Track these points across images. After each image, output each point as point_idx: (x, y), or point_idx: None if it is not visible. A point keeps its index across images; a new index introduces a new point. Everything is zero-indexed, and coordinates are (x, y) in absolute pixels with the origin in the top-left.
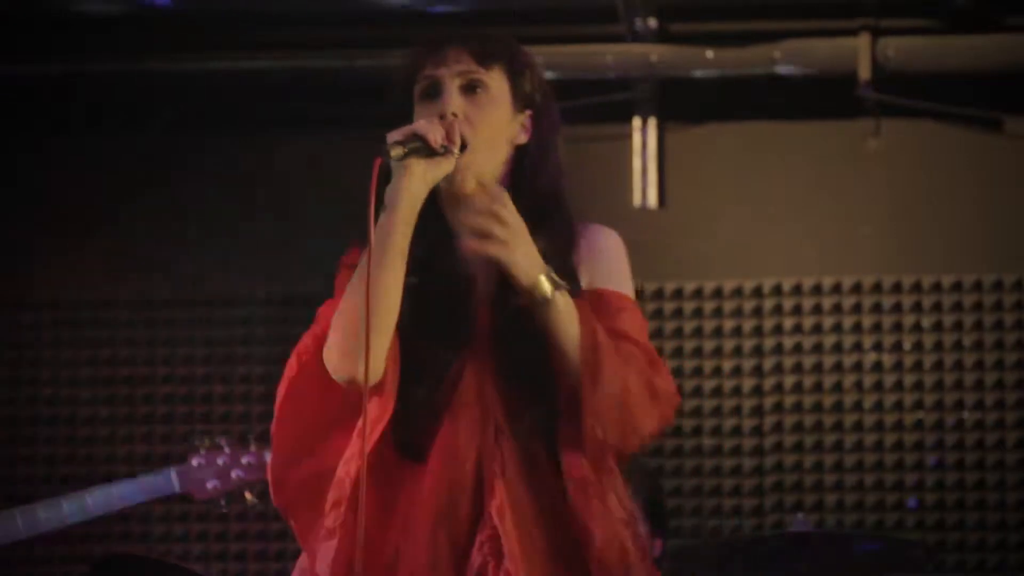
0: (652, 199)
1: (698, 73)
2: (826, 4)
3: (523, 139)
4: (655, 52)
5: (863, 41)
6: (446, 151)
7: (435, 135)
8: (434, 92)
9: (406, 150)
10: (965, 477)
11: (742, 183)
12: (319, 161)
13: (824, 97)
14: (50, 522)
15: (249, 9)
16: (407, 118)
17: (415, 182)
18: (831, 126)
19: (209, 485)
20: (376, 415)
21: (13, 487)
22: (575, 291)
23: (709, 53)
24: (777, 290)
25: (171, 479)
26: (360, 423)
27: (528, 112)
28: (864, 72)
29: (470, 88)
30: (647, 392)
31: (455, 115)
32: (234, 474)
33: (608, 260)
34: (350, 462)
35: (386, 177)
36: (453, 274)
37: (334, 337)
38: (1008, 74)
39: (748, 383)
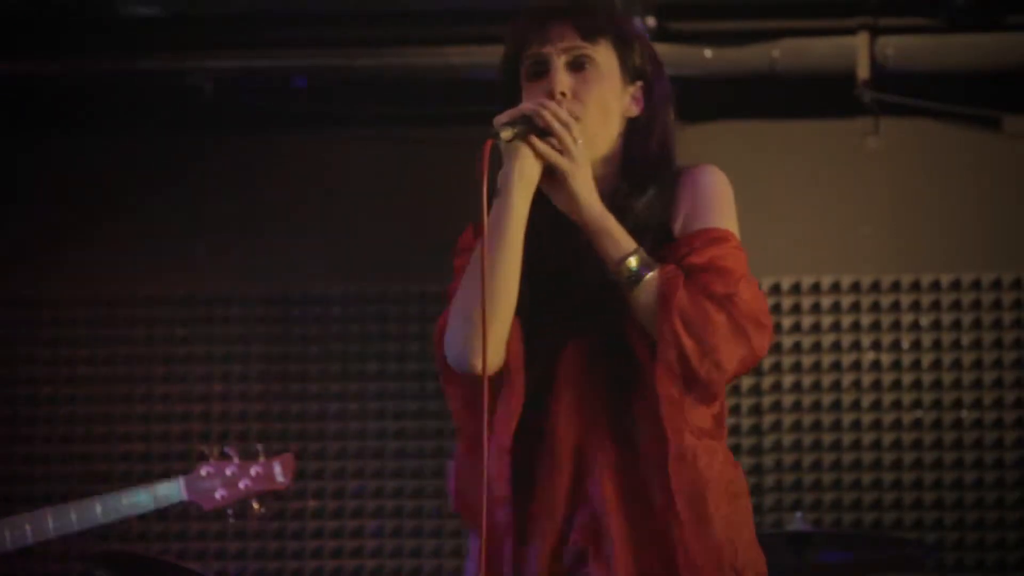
0: None
1: (697, 72)
2: (825, 3)
3: (635, 111)
4: None
5: (862, 40)
6: (556, 132)
7: (542, 116)
8: (541, 71)
9: (515, 132)
10: (963, 476)
11: (741, 182)
12: (319, 160)
13: (823, 96)
14: (60, 530)
15: (249, 8)
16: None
17: (527, 164)
18: (830, 125)
19: (217, 495)
20: (506, 403)
21: (12, 486)
22: (670, 240)
23: (708, 52)
24: (776, 289)
25: (179, 488)
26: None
27: (639, 83)
28: (863, 71)
29: (578, 64)
30: (729, 325)
31: (563, 94)
32: (242, 484)
33: (703, 195)
34: (492, 459)
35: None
36: (571, 253)
37: (452, 328)
38: (1007, 73)
39: (746, 382)
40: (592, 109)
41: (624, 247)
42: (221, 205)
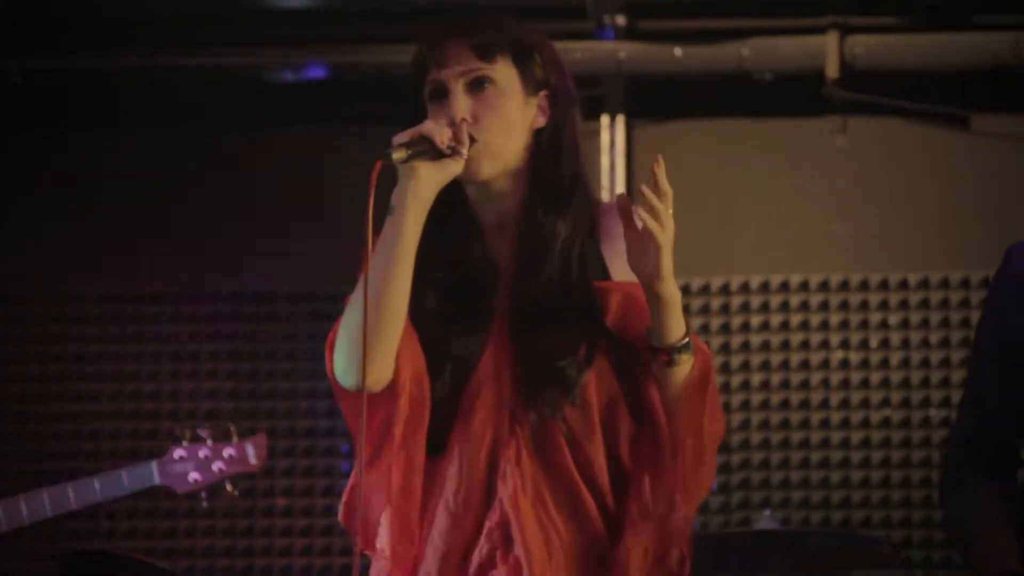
0: None
1: (666, 70)
2: (794, 2)
3: (542, 122)
4: (623, 49)
5: (831, 39)
6: (454, 152)
7: (442, 136)
8: (441, 94)
9: (410, 152)
10: (931, 474)
11: (710, 180)
12: (298, 158)
13: (792, 95)
14: (34, 514)
15: (248, 7)
16: (412, 116)
17: (422, 184)
18: (799, 124)
19: (190, 478)
20: (393, 416)
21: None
22: (602, 277)
23: (677, 51)
24: (745, 287)
25: (152, 471)
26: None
27: (543, 93)
28: (832, 70)
29: (476, 85)
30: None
31: (464, 119)
32: (215, 467)
33: None
34: (397, 473)
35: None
36: (479, 264)
37: (337, 344)
38: (975, 72)
39: (715, 380)
40: (494, 129)
41: (684, 322)
42: (220, 203)
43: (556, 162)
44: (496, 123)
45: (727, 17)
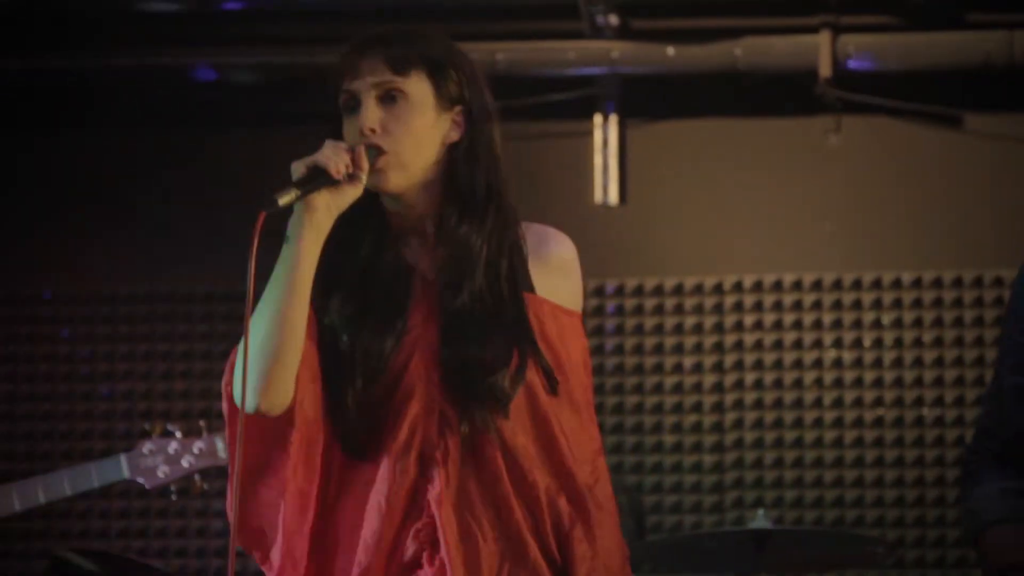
0: (613, 196)
1: (659, 70)
2: (787, 1)
3: (455, 136)
4: (616, 49)
5: (824, 38)
6: (352, 178)
7: (337, 164)
8: (354, 106)
9: (300, 192)
10: (925, 474)
11: (703, 180)
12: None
13: (785, 94)
14: (2, 509)
15: (249, 6)
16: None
17: (318, 216)
18: (792, 123)
19: (160, 472)
20: (310, 438)
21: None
22: (527, 288)
23: (670, 50)
24: (738, 287)
25: (121, 465)
26: (240, 450)
27: (458, 108)
28: (825, 69)
29: (389, 98)
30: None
31: (373, 130)
32: (185, 461)
33: (571, 278)
34: (307, 487)
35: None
36: (392, 269)
37: (235, 372)
38: (968, 71)
39: (709, 380)
40: (403, 140)
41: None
42: (219, 202)
43: (470, 175)
44: (405, 135)
45: (720, 16)
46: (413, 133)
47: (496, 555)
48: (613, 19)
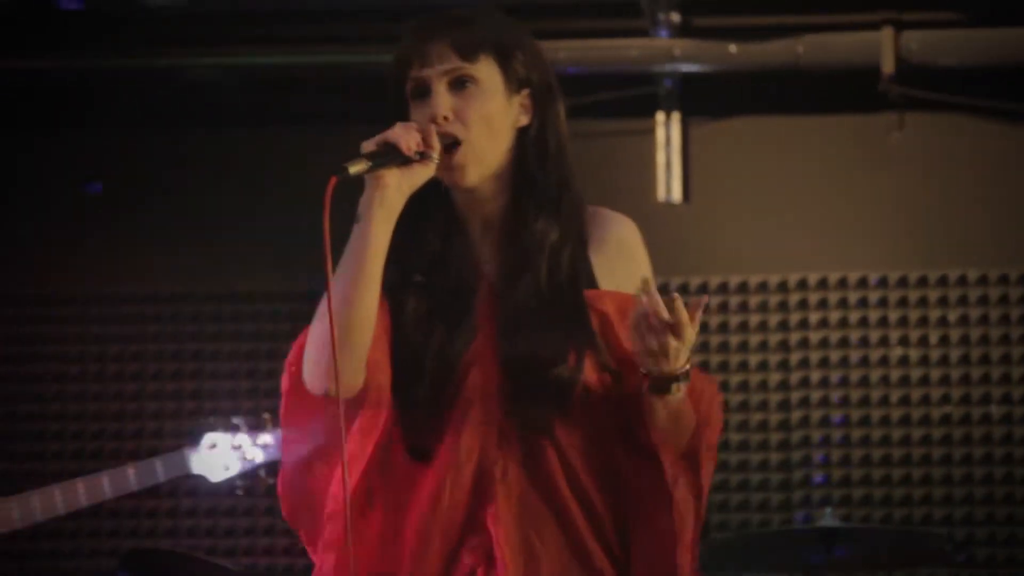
0: (676, 194)
1: (721, 67)
2: None
3: (525, 120)
4: (678, 46)
5: (886, 34)
6: (423, 157)
7: (408, 142)
8: (423, 93)
9: (371, 163)
10: (993, 471)
11: (766, 177)
12: (305, 157)
13: (847, 91)
14: (67, 504)
15: (250, 6)
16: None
17: (389, 193)
18: (854, 120)
19: (224, 467)
20: (365, 426)
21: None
22: (588, 281)
23: (732, 47)
24: (802, 284)
25: (186, 459)
26: (350, 434)
27: (526, 91)
28: (887, 66)
29: (459, 84)
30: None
31: (446, 118)
32: (249, 454)
33: (634, 260)
34: (344, 471)
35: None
36: (461, 269)
37: (307, 353)
38: None
39: (774, 378)
40: (477, 127)
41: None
42: (221, 201)
43: (542, 163)
44: (479, 121)
45: (782, 13)
46: (486, 117)
47: (558, 566)
48: (675, 16)
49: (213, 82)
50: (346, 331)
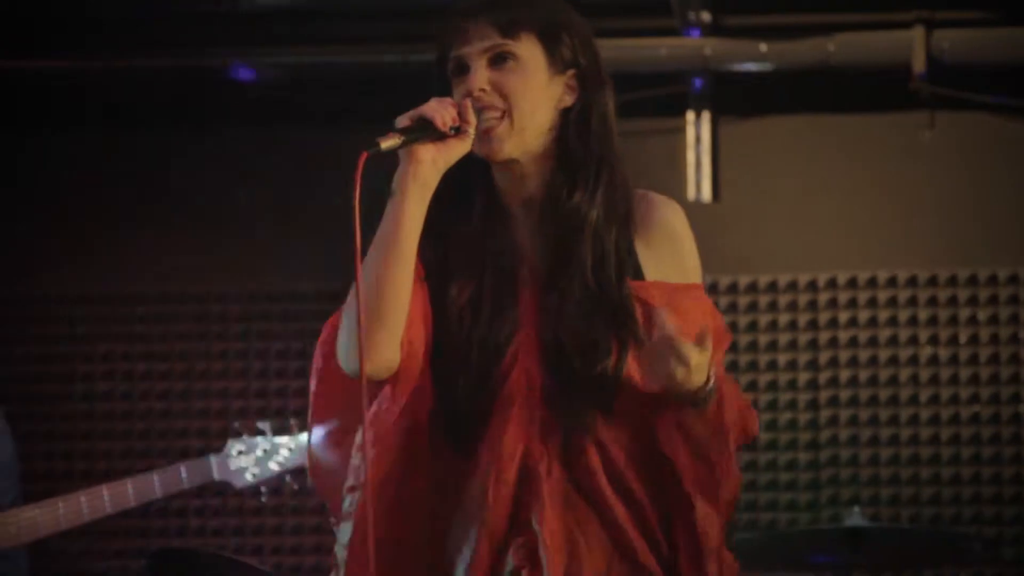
0: (706, 193)
1: (752, 66)
2: None
3: (569, 101)
4: (709, 45)
5: (918, 33)
6: (458, 131)
7: (443, 116)
8: (463, 70)
9: (404, 138)
10: (1022, 471)
11: (796, 176)
12: (313, 158)
13: (878, 90)
14: (94, 512)
15: (252, 6)
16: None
17: (424, 169)
18: (885, 119)
19: (248, 473)
20: (393, 406)
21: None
22: (636, 274)
23: (763, 46)
24: (832, 284)
25: (210, 466)
26: (370, 412)
27: (571, 72)
28: (919, 65)
29: (499, 60)
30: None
31: (483, 90)
32: (274, 462)
33: (682, 248)
34: (366, 448)
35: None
36: (502, 252)
37: (340, 332)
38: None
39: (803, 377)
40: (516, 100)
41: (706, 372)
42: (219, 202)
43: (583, 143)
44: (517, 94)
45: (813, 12)
46: (525, 91)
47: (602, 566)
48: (705, 15)
49: (214, 82)
50: (379, 309)
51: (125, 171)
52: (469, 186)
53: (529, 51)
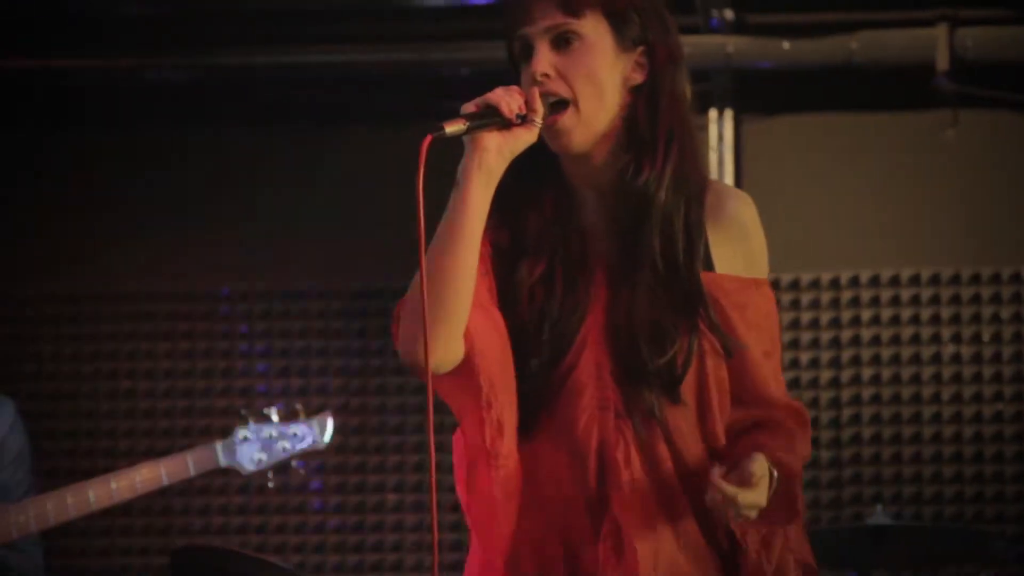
0: None
1: (774, 64)
2: None
3: (639, 79)
4: (731, 43)
5: (941, 31)
6: (525, 120)
7: (509, 104)
8: (528, 52)
9: (470, 124)
10: None
11: (819, 175)
12: (317, 156)
13: (901, 88)
14: (100, 501)
15: (251, 4)
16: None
17: (489, 157)
18: (908, 117)
19: (255, 458)
20: (462, 403)
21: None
22: (706, 263)
23: (786, 44)
24: (854, 282)
25: (216, 453)
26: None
27: (640, 48)
28: (942, 63)
29: (563, 41)
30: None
31: (546, 75)
32: (280, 446)
33: (754, 243)
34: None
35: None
36: (571, 238)
37: (402, 323)
38: None
39: (826, 375)
40: (582, 86)
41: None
42: (217, 201)
43: (651, 124)
44: (585, 79)
45: (835, 10)
46: (592, 74)
47: (673, 555)
48: (728, 14)
49: (214, 81)
50: (444, 302)
51: (133, 170)
52: (537, 172)
53: (594, 29)
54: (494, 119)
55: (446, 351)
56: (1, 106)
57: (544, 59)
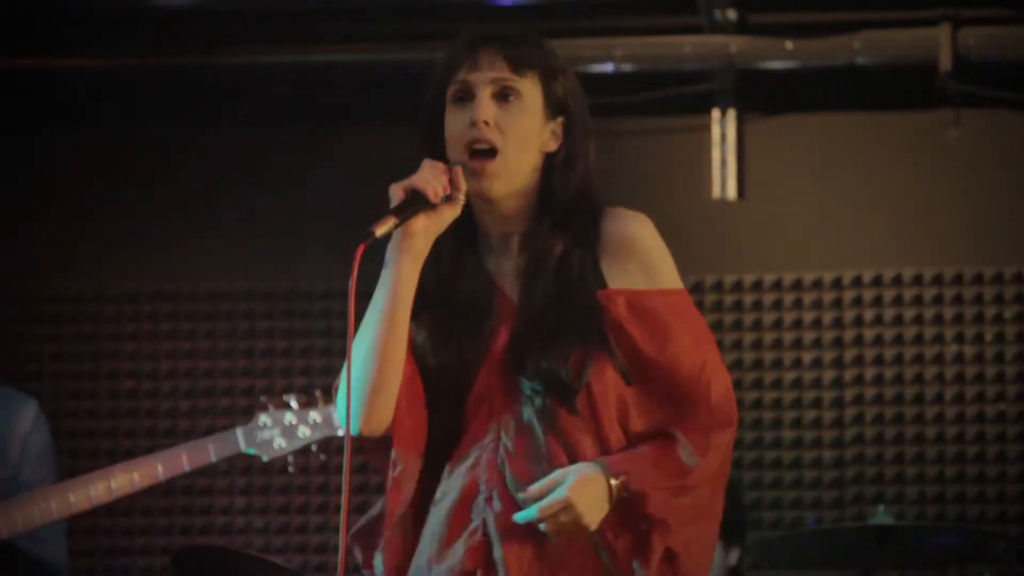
0: (731, 191)
1: (777, 64)
2: None
3: (553, 146)
4: (734, 43)
5: (943, 31)
6: (449, 199)
7: (435, 188)
8: (466, 97)
9: (398, 220)
10: None
11: (821, 174)
12: (321, 155)
13: (904, 88)
14: (122, 489)
15: (257, 6)
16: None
17: (416, 241)
18: (911, 117)
19: (276, 444)
20: (394, 462)
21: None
22: (597, 281)
23: (788, 44)
24: (857, 281)
25: (237, 439)
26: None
27: (560, 119)
28: (944, 63)
29: (503, 95)
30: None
31: (487, 123)
32: (301, 432)
33: (644, 255)
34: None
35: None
36: (476, 284)
37: (337, 398)
38: None
39: (828, 375)
40: (513, 140)
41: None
42: (221, 199)
43: (565, 188)
44: (517, 135)
45: (838, 10)
46: (522, 133)
47: (560, 565)
48: (731, 14)
49: (215, 81)
50: (378, 377)
51: (133, 170)
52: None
53: (531, 90)
54: (421, 204)
55: (379, 419)
56: (1, 106)
57: (487, 107)
